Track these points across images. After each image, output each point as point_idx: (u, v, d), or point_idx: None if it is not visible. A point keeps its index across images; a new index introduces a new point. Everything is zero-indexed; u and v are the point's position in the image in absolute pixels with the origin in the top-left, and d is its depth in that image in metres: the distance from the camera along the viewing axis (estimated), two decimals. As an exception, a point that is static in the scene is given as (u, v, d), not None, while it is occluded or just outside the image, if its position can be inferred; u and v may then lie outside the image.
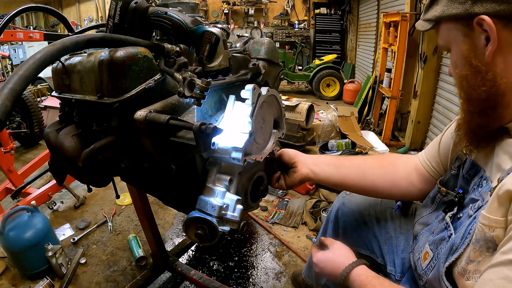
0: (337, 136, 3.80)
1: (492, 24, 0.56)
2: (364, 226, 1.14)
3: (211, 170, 0.85)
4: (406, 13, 3.53)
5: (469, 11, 0.59)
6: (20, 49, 7.33)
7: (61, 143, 0.84)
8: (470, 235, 0.62)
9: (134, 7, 0.82)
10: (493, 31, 0.56)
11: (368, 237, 1.13)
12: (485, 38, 0.58)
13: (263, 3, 8.48)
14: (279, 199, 2.60)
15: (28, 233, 1.71)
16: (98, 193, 2.73)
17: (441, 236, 0.74)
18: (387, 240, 1.09)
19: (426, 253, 0.78)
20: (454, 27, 0.64)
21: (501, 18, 0.56)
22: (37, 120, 3.76)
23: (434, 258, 0.74)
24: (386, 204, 1.17)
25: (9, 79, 0.51)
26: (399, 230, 1.09)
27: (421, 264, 0.80)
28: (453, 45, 0.67)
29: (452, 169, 0.83)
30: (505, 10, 0.55)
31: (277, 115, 0.98)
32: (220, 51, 0.85)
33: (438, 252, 0.72)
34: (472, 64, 0.62)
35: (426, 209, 0.92)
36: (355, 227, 1.16)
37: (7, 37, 2.40)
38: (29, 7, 1.22)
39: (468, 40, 0.62)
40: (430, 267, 0.75)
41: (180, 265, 1.73)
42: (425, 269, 0.77)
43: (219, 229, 0.78)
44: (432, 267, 0.74)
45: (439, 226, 0.78)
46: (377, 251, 1.11)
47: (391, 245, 1.08)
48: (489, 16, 0.56)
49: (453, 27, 0.65)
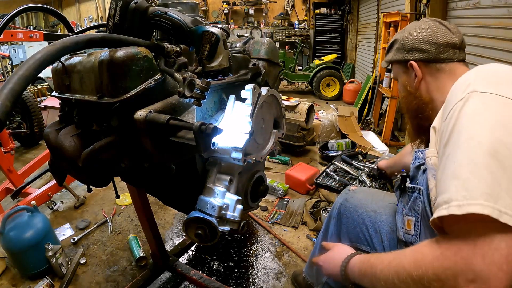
0: (337, 136, 3.80)
1: (417, 66, 0.93)
2: (367, 222, 1.16)
3: (211, 170, 0.85)
4: (406, 13, 3.53)
5: (406, 58, 0.95)
6: (20, 49, 7.33)
7: (61, 143, 0.84)
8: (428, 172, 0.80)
9: (134, 7, 0.82)
10: (418, 70, 0.93)
11: (370, 232, 1.14)
12: (414, 74, 0.94)
13: (263, 3, 8.48)
14: (279, 199, 2.60)
15: (28, 233, 1.71)
16: (98, 193, 2.73)
17: (412, 199, 0.89)
18: (389, 234, 1.10)
19: (409, 221, 0.91)
20: (399, 66, 1.01)
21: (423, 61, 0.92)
22: (37, 120, 3.76)
23: (416, 217, 0.88)
24: (388, 199, 1.19)
25: (9, 79, 0.51)
26: None
27: (409, 233, 0.91)
28: (398, 77, 1.03)
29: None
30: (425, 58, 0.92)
31: (277, 115, 0.98)
32: (220, 51, 0.85)
33: (417, 210, 0.87)
34: (407, 89, 0.99)
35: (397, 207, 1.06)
36: (357, 222, 1.18)
37: (7, 37, 2.40)
38: (29, 7, 1.22)
39: (405, 75, 0.99)
40: (417, 226, 0.88)
41: (180, 265, 1.73)
42: (415, 232, 0.88)
43: (219, 229, 0.78)
44: (419, 224, 0.87)
45: (406, 200, 0.94)
46: (378, 247, 1.12)
47: (392, 240, 1.09)
48: (416, 61, 0.93)
49: (398, 66, 1.01)
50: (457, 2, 2.96)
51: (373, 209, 1.17)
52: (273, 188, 2.66)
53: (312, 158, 3.49)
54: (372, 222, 1.15)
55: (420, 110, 0.95)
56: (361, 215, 1.18)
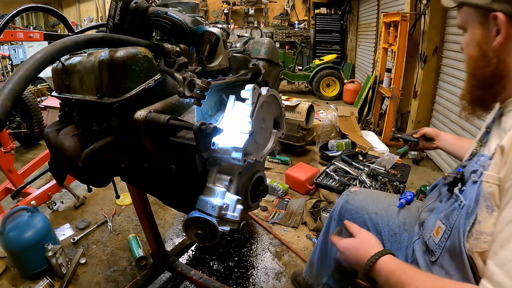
0: (337, 136, 3.80)
1: (505, 21, 0.68)
2: (368, 224, 1.15)
3: (211, 170, 0.85)
4: (406, 13, 3.53)
5: (489, 6, 0.70)
6: (20, 49, 7.32)
7: (61, 143, 0.84)
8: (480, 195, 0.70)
9: (134, 7, 0.82)
10: (504, 26, 0.68)
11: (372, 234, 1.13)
12: (496, 30, 0.70)
13: (263, 3, 8.47)
14: (279, 199, 2.60)
15: (28, 233, 1.71)
16: (98, 193, 2.73)
17: (451, 208, 0.80)
18: (390, 237, 1.10)
19: (439, 228, 0.83)
20: (473, 13, 0.75)
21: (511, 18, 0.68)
22: (37, 120, 3.76)
23: (447, 229, 0.80)
24: (389, 201, 1.19)
25: (9, 79, 0.51)
26: (403, 227, 1.10)
27: (434, 239, 0.84)
28: (469, 27, 0.77)
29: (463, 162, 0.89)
30: None
31: (277, 115, 0.98)
32: (220, 51, 0.85)
33: (451, 222, 0.78)
34: (481, 48, 0.74)
35: (431, 199, 0.98)
36: (359, 224, 1.16)
37: (7, 37, 2.40)
38: (29, 7, 1.22)
39: (482, 27, 0.73)
40: (444, 238, 0.80)
41: (180, 265, 1.73)
42: (439, 242, 0.81)
43: (219, 229, 0.78)
44: (446, 238, 0.79)
45: (448, 204, 0.84)
46: None
47: (394, 242, 1.09)
48: (504, 14, 0.68)
49: (472, 13, 0.75)
50: (457, 2, 2.96)
51: (374, 211, 1.17)
52: (273, 188, 2.66)
53: (312, 158, 3.49)
54: (374, 224, 1.14)
55: (488, 81, 0.75)
56: (362, 217, 1.17)
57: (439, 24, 3.22)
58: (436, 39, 3.26)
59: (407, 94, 3.82)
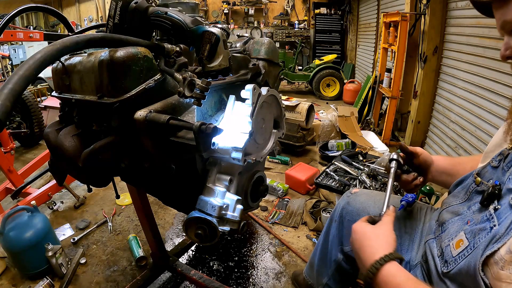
0: (337, 136, 3.80)
1: None
2: None
3: (211, 170, 0.85)
4: (406, 13, 3.53)
5: None
6: (20, 49, 7.32)
7: (61, 143, 0.84)
8: None
9: (134, 7, 0.82)
10: None
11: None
12: None
13: (263, 3, 8.48)
14: (279, 199, 2.60)
15: (28, 233, 1.71)
16: (98, 193, 2.73)
17: (481, 226, 0.73)
18: None
19: (460, 241, 0.77)
20: None
21: None
22: (37, 120, 3.76)
23: (469, 246, 0.73)
24: (391, 203, 1.17)
25: (9, 79, 0.51)
26: (404, 229, 1.08)
27: (451, 250, 0.79)
28: None
29: (493, 162, 0.83)
30: None
31: (277, 115, 0.98)
32: (220, 51, 0.85)
33: (476, 242, 0.72)
34: None
35: (456, 199, 0.92)
36: None
37: (7, 37, 2.40)
38: (29, 7, 1.22)
39: None
40: (463, 255, 0.75)
41: (180, 265, 1.73)
42: (456, 256, 0.76)
43: (219, 229, 0.78)
44: (465, 255, 0.74)
45: (477, 217, 0.78)
46: None
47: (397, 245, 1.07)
48: None
49: None
50: (457, 2, 2.96)
51: (375, 213, 1.16)
52: (273, 188, 2.66)
53: (312, 158, 3.49)
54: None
55: None
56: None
57: (439, 24, 3.22)
58: (436, 39, 3.26)
59: (407, 94, 3.82)
